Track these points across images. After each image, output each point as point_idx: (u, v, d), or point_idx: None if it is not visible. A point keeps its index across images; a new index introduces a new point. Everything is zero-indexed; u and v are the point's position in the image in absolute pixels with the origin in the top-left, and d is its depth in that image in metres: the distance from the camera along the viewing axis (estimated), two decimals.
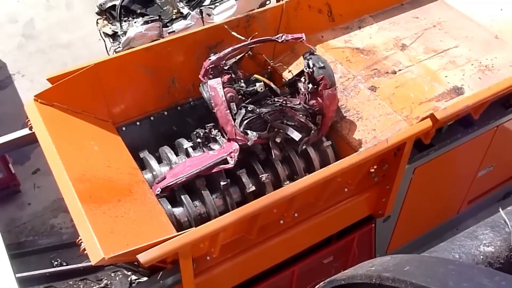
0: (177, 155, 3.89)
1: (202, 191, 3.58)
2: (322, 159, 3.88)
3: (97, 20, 7.21)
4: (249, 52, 3.93)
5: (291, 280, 4.02)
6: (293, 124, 3.72)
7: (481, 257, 1.98)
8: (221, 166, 3.55)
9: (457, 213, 5.12)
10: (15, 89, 7.40)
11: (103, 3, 7.18)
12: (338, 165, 3.35)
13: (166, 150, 3.88)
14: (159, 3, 7.05)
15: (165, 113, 4.17)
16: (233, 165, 3.54)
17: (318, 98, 3.76)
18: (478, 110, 4.01)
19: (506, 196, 5.69)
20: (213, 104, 3.68)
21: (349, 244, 4.21)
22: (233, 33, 4.00)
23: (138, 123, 4.08)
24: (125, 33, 6.74)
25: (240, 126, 3.60)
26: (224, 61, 3.82)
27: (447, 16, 4.82)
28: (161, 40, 4.13)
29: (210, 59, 3.79)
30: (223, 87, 3.67)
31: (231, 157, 3.56)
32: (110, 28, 6.99)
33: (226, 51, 3.82)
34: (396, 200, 4.04)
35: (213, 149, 3.73)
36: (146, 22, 6.77)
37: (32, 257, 4.69)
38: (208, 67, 3.78)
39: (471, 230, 2.12)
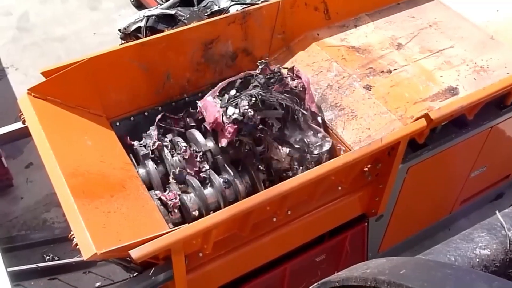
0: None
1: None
2: None
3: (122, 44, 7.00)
4: None
5: (283, 278, 4.02)
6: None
7: (477, 260, 1.96)
8: None
9: (449, 213, 5.14)
10: (8, 83, 7.36)
11: (127, 27, 6.95)
12: (332, 163, 3.35)
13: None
14: (184, 20, 6.90)
15: (159, 108, 4.15)
16: None
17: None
18: (472, 111, 4.02)
19: (498, 197, 5.71)
20: (203, 110, 3.78)
21: (341, 243, 4.21)
22: None
23: (132, 118, 4.07)
24: None
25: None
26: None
27: (443, 16, 4.83)
28: (157, 35, 4.11)
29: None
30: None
31: None
32: None
33: None
34: (389, 200, 4.04)
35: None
36: None
37: (24, 252, 4.68)
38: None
39: (467, 233, 2.10)
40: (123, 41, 7.01)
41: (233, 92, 3.80)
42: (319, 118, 3.95)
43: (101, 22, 8.48)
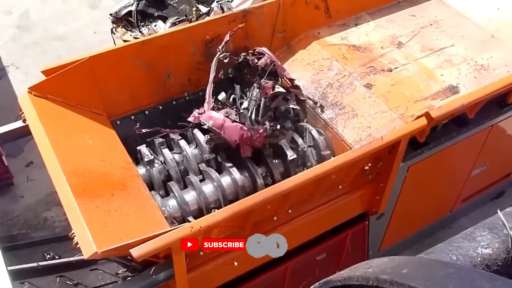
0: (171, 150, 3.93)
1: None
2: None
3: (114, 29, 7.06)
4: None
5: (284, 277, 4.02)
6: None
7: (479, 259, 1.97)
8: None
9: (450, 212, 5.14)
10: (9, 81, 7.35)
11: (118, 11, 7.00)
12: (333, 162, 3.35)
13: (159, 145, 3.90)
14: (174, 4, 6.94)
15: (160, 107, 4.16)
16: None
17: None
18: (473, 109, 4.02)
19: (499, 195, 5.71)
20: (217, 129, 3.74)
21: (342, 241, 4.22)
22: None
23: (132, 117, 4.06)
24: None
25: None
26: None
27: (444, 15, 4.83)
28: (157, 34, 4.11)
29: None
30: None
31: None
32: (130, 35, 6.87)
33: None
34: (389, 198, 4.04)
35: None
36: (173, 24, 6.67)
37: (24, 250, 4.67)
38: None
39: (468, 232, 2.11)
40: (114, 25, 7.05)
41: (231, 97, 3.99)
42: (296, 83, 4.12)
43: (102, 21, 8.46)
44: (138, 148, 3.89)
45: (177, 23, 6.64)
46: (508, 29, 4.62)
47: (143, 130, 3.87)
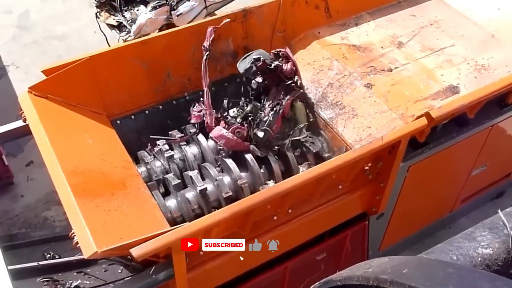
0: (171, 149, 3.93)
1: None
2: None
3: (98, 13, 7.09)
4: None
5: (283, 276, 4.02)
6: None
7: (479, 259, 1.97)
8: None
9: (450, 212, 5.14)
10: (9, 81, 7.34)
11: None
12: (333, 162, 3.35)
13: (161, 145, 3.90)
14: None
15: (160, 107, 4.16)
16: None
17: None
18: (473, 109, 4.02)
19: (499, 195, 5.70)
20: (228, 149, 3.77)
21: (342, 241, 4.22)
22: None
23: (132, 116, 4.06)
24: (133, 21, 6.66)
25: None
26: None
27: (444, 15, 4.83)
28: (157, 33, 4.11)
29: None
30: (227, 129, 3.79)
31: None
32: (114, 19, 6.89)
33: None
34: (389, 198, 4.04)
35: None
36: (154, 8, 6.70)
37: (24, 250, 4.67)
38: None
39: (469, 231, 2.11)
40: (98, 10, 7.05)
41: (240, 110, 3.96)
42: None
43: None
44: (157, 142, 3.95)
45: (157, 7, 6.63)
46: (508, 29, 4.62)
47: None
